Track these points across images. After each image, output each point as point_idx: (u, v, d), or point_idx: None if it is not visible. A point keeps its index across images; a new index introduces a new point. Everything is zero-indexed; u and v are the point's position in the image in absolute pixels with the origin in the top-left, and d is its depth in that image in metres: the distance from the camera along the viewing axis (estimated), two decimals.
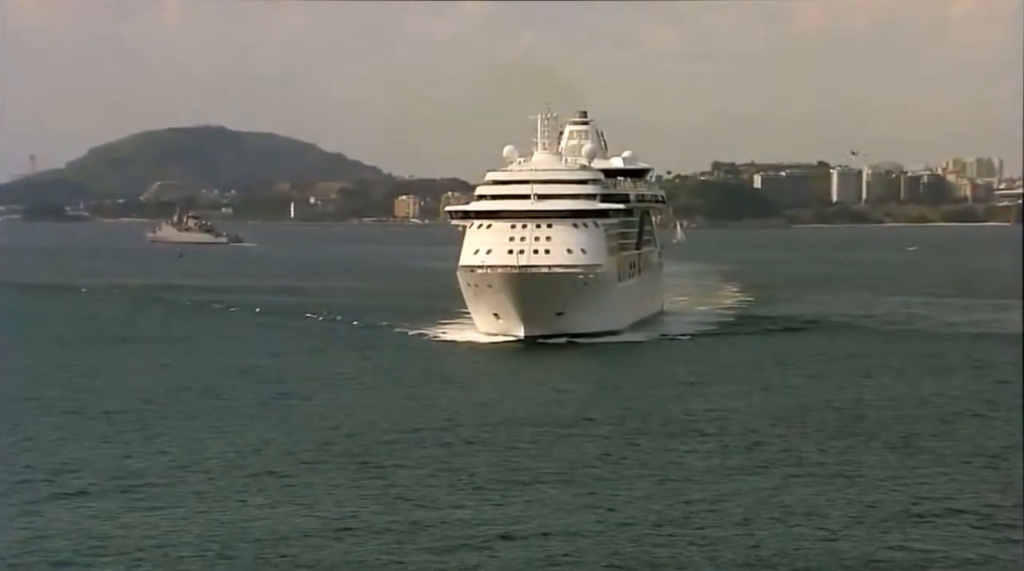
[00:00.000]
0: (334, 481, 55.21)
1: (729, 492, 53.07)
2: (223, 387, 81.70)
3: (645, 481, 55.36)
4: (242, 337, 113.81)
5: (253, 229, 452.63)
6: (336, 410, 72.79)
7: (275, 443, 63.19)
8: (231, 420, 69.70)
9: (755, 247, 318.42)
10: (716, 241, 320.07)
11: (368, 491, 53.37)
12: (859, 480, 55.38)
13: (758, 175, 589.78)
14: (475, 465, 58.33)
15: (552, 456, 60.57)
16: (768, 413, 71.94)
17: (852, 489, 53.80)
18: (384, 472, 56.98)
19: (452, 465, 58.39)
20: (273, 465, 58.25)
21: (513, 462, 59.30)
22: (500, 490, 53.69)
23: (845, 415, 71.31)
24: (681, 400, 77.26)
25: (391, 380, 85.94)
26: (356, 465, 58.30)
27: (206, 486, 54.35)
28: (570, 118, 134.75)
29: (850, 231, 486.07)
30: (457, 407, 74.24)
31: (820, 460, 59.43)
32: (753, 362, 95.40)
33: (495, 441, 64.08)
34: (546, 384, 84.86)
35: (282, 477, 56.06)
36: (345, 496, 52.63)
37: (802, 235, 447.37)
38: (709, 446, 62.86)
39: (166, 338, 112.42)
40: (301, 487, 54.20)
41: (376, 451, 61.21)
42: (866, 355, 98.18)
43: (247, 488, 53.94)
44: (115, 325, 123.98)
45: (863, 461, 59.11)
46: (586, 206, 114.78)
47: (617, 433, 66.47)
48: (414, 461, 59.14)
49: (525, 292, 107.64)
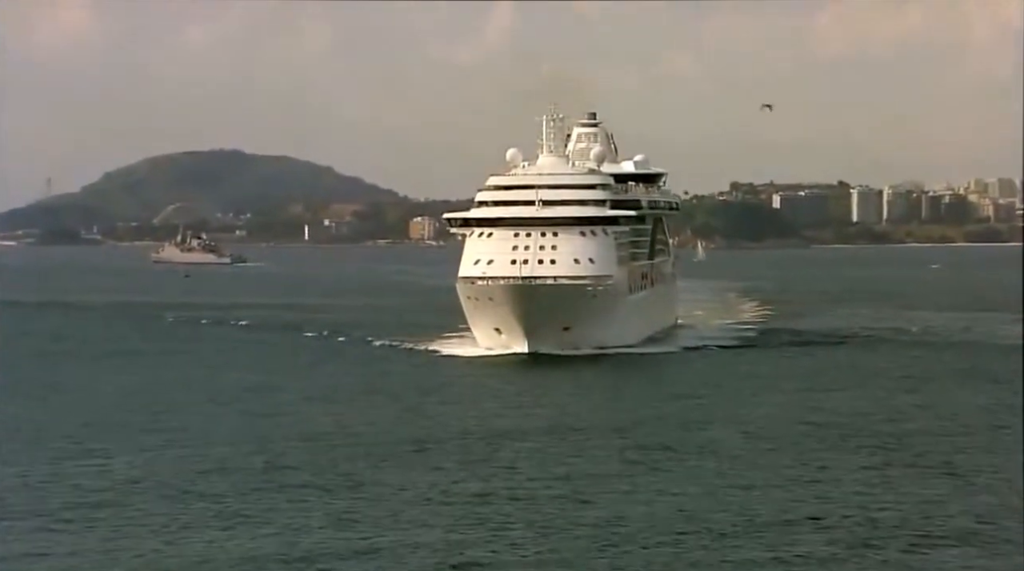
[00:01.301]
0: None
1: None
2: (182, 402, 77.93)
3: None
4: (223, 352, 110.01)
5: (264, 251, 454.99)
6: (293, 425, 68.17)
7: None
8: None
9: (775, 265, 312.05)
10: (735, 260, 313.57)
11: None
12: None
13: (777, 195, 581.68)
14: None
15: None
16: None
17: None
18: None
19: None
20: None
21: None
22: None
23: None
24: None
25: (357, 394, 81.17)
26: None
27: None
28: (578, 120, 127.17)
29: (871, 251, 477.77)
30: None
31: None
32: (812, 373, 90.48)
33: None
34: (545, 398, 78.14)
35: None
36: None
37: (822, 255, 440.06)
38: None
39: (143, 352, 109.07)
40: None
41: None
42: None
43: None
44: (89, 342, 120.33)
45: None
46: (595, 213, 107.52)
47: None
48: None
49: (529, 305, 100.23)
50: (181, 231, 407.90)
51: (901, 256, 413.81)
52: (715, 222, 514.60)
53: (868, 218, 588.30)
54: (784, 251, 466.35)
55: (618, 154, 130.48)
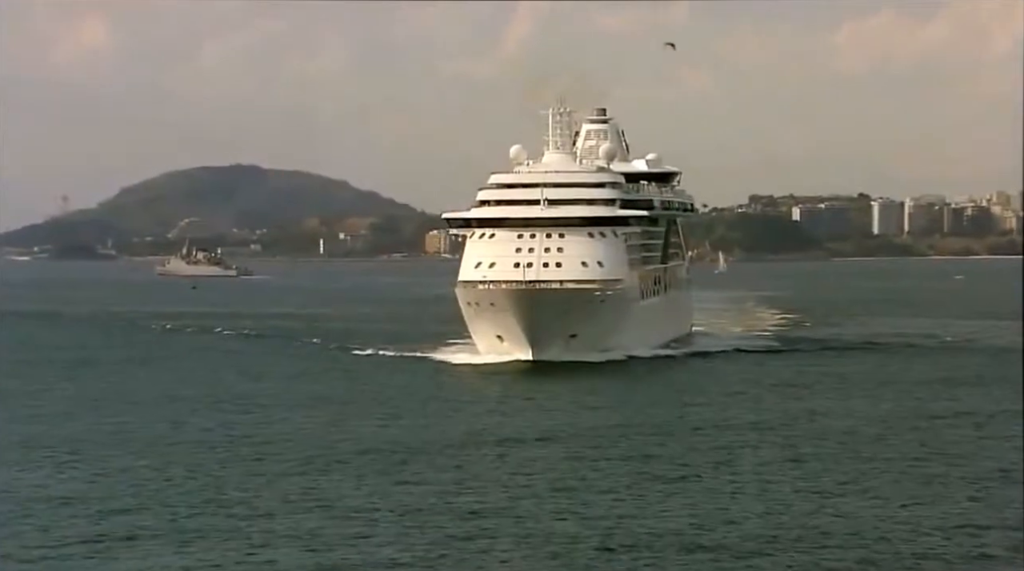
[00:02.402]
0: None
1: None
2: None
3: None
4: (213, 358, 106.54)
5: (279, 265, 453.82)
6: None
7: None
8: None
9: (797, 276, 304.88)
10: (755, 273, 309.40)
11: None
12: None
13: (797, 208, 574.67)
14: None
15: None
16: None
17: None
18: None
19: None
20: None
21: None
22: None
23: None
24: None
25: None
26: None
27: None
28: (587, 117, 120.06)
29: (893, 264, 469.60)
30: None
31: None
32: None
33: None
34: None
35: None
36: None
37: (844, 268, 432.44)
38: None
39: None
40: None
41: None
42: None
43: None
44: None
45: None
46: (604, 213, 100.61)
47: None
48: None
49: (533, 311, 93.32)
50: (187, 244, 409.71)
51: (925, 268, 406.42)
52: (734, 235, 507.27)
53: (889, 230, 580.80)
54: (804, 264, 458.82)
55: (630, 153, 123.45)
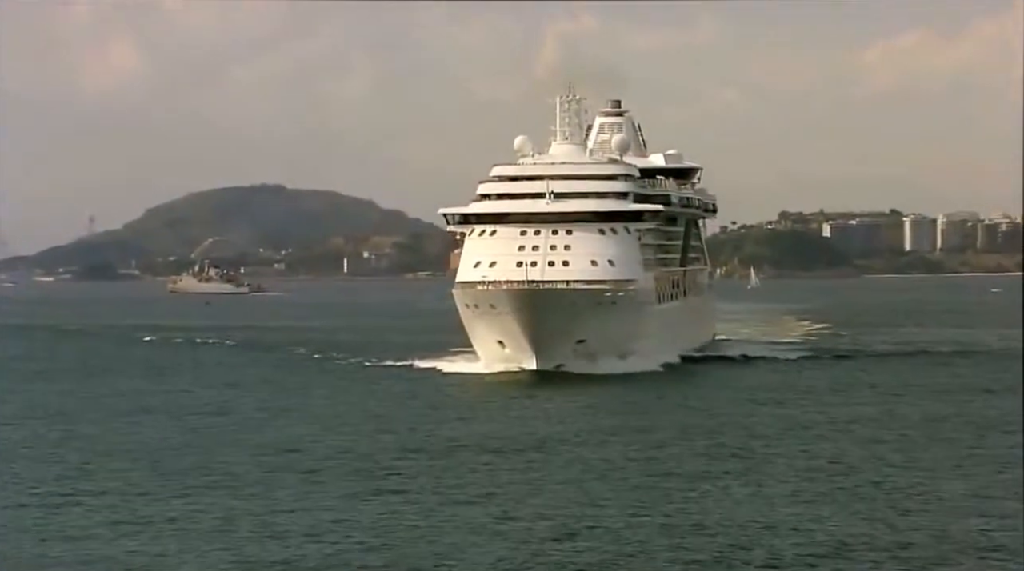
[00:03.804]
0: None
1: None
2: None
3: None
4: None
5: (302, 283, 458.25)
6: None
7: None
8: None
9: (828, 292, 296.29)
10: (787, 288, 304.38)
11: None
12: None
13: (827, 224, 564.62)
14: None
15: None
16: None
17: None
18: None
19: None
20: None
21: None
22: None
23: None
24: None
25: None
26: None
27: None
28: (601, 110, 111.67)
29: (926, 280, 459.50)
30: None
31: None
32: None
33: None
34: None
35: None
36: None
37: (876, 284, 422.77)
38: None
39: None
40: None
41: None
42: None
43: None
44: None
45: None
46: (615, 207, 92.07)
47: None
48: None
49: (537, 314, 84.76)
50: (199, 262, 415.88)
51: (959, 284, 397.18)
52: (764, 251, 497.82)
53: (922, 247, 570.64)
54: (836, 281, 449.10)
55: (647, 149, 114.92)
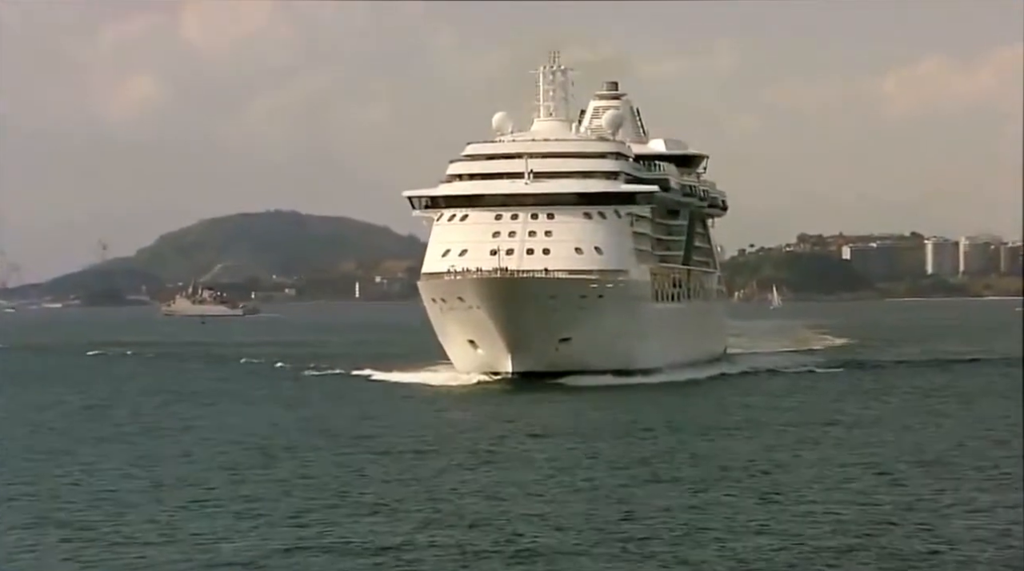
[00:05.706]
0: None
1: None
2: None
3: None
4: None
5: (308, 308, 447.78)
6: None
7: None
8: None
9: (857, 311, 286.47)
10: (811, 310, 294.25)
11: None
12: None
13: (847, 247, 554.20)
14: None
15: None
16: None
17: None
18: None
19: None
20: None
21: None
22: None
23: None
24: None
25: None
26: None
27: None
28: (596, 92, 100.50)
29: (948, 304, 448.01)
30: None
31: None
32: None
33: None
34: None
35: None
36: None
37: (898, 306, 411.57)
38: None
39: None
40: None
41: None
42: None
43: None
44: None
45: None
46: (604, 188, 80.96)
47: None
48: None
49: (512, 308, 73.62)
50: (192, 284, 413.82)
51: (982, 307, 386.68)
52: (782, 274, 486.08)
53: (943, 270, 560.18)
54: (855, 304, 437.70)
55: (647, 136, 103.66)
